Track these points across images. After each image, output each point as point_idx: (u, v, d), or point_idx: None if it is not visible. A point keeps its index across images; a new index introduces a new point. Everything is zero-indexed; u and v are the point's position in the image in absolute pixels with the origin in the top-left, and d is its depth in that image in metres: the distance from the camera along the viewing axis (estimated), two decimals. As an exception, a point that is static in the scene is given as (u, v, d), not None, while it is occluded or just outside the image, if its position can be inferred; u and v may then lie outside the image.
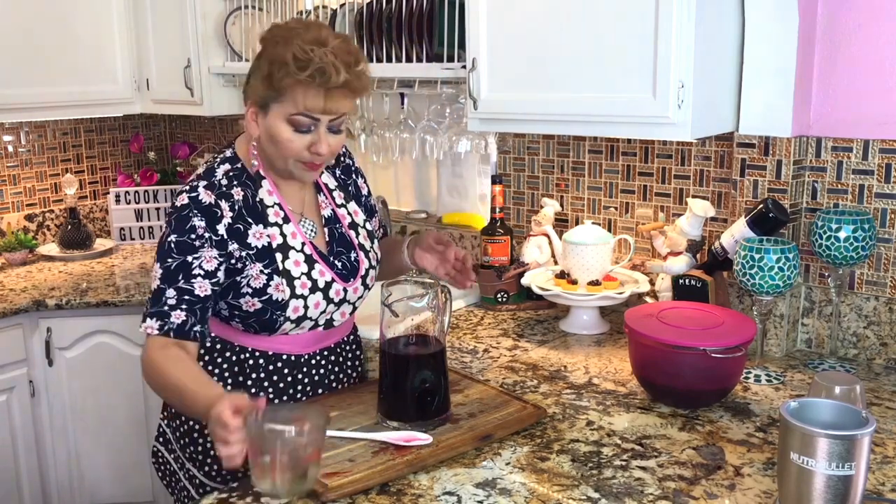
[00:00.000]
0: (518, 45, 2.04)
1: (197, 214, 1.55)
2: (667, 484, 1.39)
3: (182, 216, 1.55)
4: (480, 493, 1.36)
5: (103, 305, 2.68)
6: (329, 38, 1.51)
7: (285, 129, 1.53)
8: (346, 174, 1.82)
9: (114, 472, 2.83)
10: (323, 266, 1.66)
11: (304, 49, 1.47)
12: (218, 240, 1.56)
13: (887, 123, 1.87)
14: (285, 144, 1.55)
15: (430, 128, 2.56)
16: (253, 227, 1.60)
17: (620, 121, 1.89)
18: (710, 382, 1.65)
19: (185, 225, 1.54)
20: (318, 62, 1.47)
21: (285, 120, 1.53)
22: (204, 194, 1.57)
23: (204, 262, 1.54)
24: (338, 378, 1.78)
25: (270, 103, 1.53)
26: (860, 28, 1.87)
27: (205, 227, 1.55)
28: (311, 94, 1.50)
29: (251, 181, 1.63)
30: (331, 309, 1.68)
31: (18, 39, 2.90)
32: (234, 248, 1.57)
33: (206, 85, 3.03)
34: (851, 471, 1.13)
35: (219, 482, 1.68)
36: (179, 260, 1.53)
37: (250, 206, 1.61)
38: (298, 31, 1.52)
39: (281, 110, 1.53)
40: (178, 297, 1.52)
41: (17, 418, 2.67)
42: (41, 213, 3.39)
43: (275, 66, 1.50)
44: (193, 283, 1.53)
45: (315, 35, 1.50)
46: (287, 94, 1.51)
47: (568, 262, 2.22)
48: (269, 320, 1.61)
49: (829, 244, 1.83)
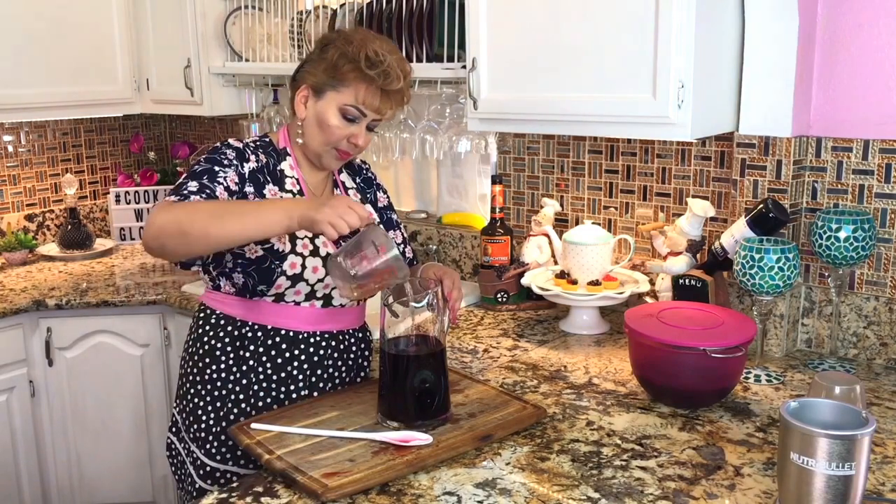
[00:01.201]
0: (518, 45, 2.04)
1: (230, 148, 1.69)
2: (667, 484, 1.39)
3: (214, 147, 1.70)
4: (480, 493, 1.36)
5: (103, 305, 2.68)
6: (395, 50, 1.70)
7: (335, 115, 1.67)
8: (366, 184, 1.92)
9: (114, 472, 2.83)
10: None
11: (377, 52, 1.64)
12: (241, 174, 1.67)
13: (887, 123, 1.87)
14: (331, 129, 1.67)
15: (430, 128, 2.56)
16: (269, 185, 1.71)
17: (620, 121, 1.89)
18: (710, 382, 1.65)
19: (216, 152, 1.68)
20: (386, 65, 1.64)
21: (338, 108, 1.67)
22: (234, 142, 1.72)
23: (228, 178, 1.64)
24: (336, 366, 1.80)
25: (327, 90, 1.67)
26: (860, 28, 1.87)
27: (234, 158, 1.67)
28: (371, 92, 1.66)
29: (276, 154, 1.75)
30: (329, 281, 1.71)
31: (18, 39, 2.90)
32: (250, 190, 1.67)
33: (206, 85, 3.03)
34: (851, 471, 1.13)
35: (218, 461, 1.73)
36: (208, 167, 1.64)
37: (271, 170, 1.72)
38: (366, 37, 1.69)
39: (337, 98, 1.66)
40: (199, 188, 1.58)
41: (17, 418, 2.67)
42: (41, 213, 3.39)
43: (345, 59, 1.64)
44: (216, 185, 1.61)
45: (383, 44, 1.68)
46: (349, 86, 1.65)
47: (568, 262, 2.22)
48: (266, 270, 1.66)
49: (829, 244, 1.83)
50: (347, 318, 1.82)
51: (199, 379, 1.76)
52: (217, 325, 1.75)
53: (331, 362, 1.79)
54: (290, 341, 1.74)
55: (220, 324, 1.75)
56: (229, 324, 1.75)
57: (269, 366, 1.73)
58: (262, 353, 1.73)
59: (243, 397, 1.73)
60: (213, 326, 1.76)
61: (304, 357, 1.75)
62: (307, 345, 1.75)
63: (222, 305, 1.75)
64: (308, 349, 1.76)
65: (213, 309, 1.77)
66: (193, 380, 1.77)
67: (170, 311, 2.72)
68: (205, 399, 1.74)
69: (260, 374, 1.73)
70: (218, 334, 1.75)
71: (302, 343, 1.75)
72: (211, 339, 1.75)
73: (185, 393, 1.79)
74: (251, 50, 2.91)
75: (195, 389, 1.76)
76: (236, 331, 1.74)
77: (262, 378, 1.73)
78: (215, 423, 1.73)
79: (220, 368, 1.74)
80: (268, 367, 1.73)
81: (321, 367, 1.77)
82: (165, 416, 2.79)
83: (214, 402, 1.74)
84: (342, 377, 1.82)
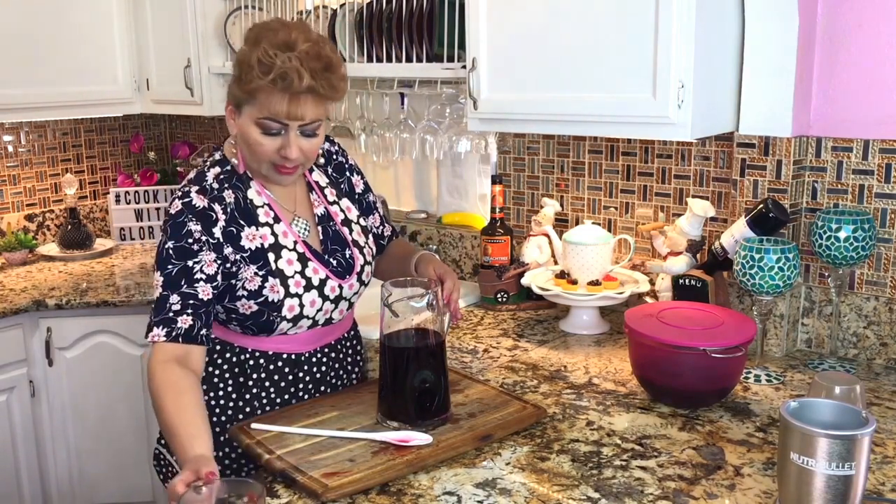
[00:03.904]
0: (518, 45, 2.04)
1: (192, 219, 1.55)
2: (667, 484, 1.39)
3: (178, 222, 1.55)
4: (480, 493, 1.36)
5: (103, 305, 2.68)
6: (298, 42, 1.48)
7: (255, 131, 1.54)
8: (338, 172, 1.83)
9: (114, 472, 2.83)
10: (316, 264, 1.66)
11: (267, 53, 1.46)
12: (214, 243, 1.56)
13: (887, 123, 1.87)
14: (255, 147, 1.56)
15: (430, 128, 2.56)
16: (245, 230, 1.60)
17: (620, 121, 1.89)
18: (710, 382, 1.65)
19: (181, 230, 1.54)
20: (279, 67, 1.45)
21: (254, 122, 1.53)
22: (197, 199, 1.57)
23: (205, 266, 1.54)
24: (338, 375, 1.78)
25: (243, 105, 1.55)
26: (860, 28, 1.87)
27: (201, 231, 1.55)
28: (275, 99, 1.49)
29: (241, 182, 1.64)
30: (328, 307, 1.68)
31: (18, 39, 2.90)
32: (228, 251, 1.58)
33: (206, 85, 3.03)
34: (851, 471, 1.13)
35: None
36: (180, 265, 1.53)
37: (242, 209, 1.62)
38: (269, 33, 1.50)
39: (251, 112, 1.53)
40: (182, 301, 1.51)
41: (17, 418, 2.67)
42: (41, 213, 3.39)
43: (243, 69, 1.50)
44: (196, 287, 1.53)
45: (284, 38, 1.48)
46: (255, 98, 1.51)
47: (568, 262, 2.22)
48: (265, 322, 1.62)
49: (829, 244, 1.83)
50: (341, 327, 1.79)
51: None
52: (213, 351, 1.68)
53: (332, 374, 1.77)
54: (292, 364, 1.70)
55: (216, 349, 1.68)
56: (227, 350, 1.68)
57: (272, 391, 1.69)
58: (265, 378, 1.68)
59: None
60: (209, 352, 1.67)
61: (308, 378, 1.72)
62: (309, 364, 1.72)
63: (219, 332, 1.68)
64: (311, 369, 1.72)
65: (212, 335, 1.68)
66: None
67: (170, 311, 2.72)
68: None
69: (263, 400, 1.68)
70: (216, 361, 1.68)
71: (304, 364, 1.71)
72: (208, 366, 1.67)
73: None
74: (251, 50, 2.91)
75: None
76: (235, 357, 1.68)
77: (266, 402, 1.68)
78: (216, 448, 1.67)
79: (219, 395, 1.68)
80: (271, 392, 1.69)
81: (324, 382, 1.75)
82: (165, 416, 2.79)
83: (213, 427, 1.64)
84: (343, 384, 1.80)
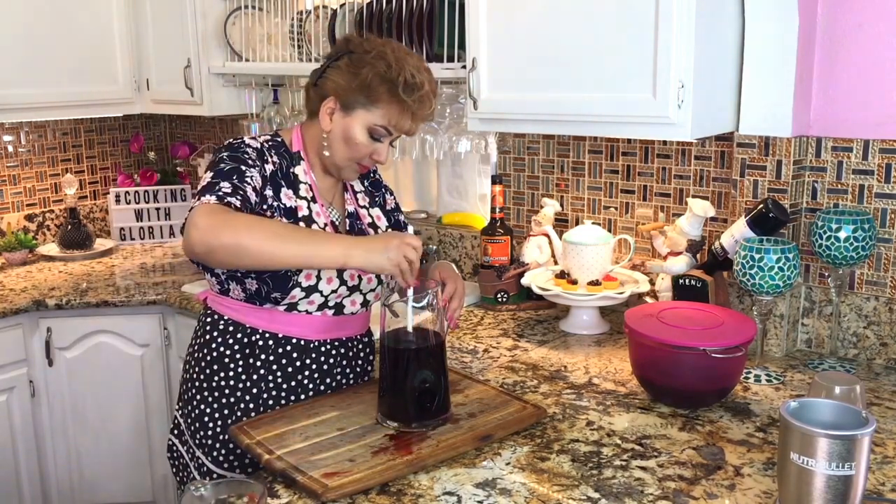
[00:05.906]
0: (518, 45, 2.04)
1: (250, 146, 1.65)
2: (667, 484, 1.39)
3: (236, 145, 1.64)
4: (480, 493, 1.36)
5: (103, 305, 2.68)
6: (425, 67, 1.65)
7: (362, 133, 1.64)
8: (374, 187, 1.91)
9: (114, 472, 2.83)
10: None
11: (414, 75, 1.60)
12: (264, 175, 1.63)
13: (887, 123, 1.87)
14: (357, 147, 1.65)
15: (430, 128, 2.56)
16: (285, 189, 1.67)
17: (620, 121, 1.89)
18: (710, 382, 1.65)
19: (238, 150, 1.63)
20: (423, 91, 1.61)
21: (366, 126, 1.63)
22: (251, 140, 1.67)
23: (255, 178, 1.60)
24: (344, 373, 1.79)
25: (357, 107, 1.63)
26: (860, 28, 1.87)
27: (256, 158, 1.63)
28: (404, 116, 1.63)
29: (290, 157, 1.71)
30: (343, 291, 1.70)
31: (19, 39, 2.90)
32: (269, 193, 1.63)
33: (206, 85, 3.03)
34: (851, 471, 1.13)
35: (225, 468, 1.71)
36: (234, 166, 1.59)
37: (285, 173, 1.68)
38: (404, 54, 1.63)
39: (366, 117, 1.63)
40: (233, 190, 1.54)
41: (17, 418, 2.67)
42: (41, 213, 3.39)
43: (381, 80, 1.59)
44: (246, 186, 1.57)
45: (417, 61, 1.64)
46: (381, 107, 1.61)
47: (568, 262, 2.22)
48: (282, 277, 1.63)
49: (829, 244, 1.83)
50: (355, 325, 1.80)
51: (205, 385, 1.72)
52: (226, 332, 1.71)
53: (339, 369, 1.78)
54: (300, 350, 1.72)
55: (228, 330, 1.71)
56: (238, 330, 1.71)
57: (279, 374, 1.71)
58: (273, 361, 1.70)
59: (252, 406, 1.69)
60: (222, 332, 1.72)
61: (315, 366, 1.73)
62: (317, 353, 1.73)
63: (231, 311, 1.71)
64: (318, 357, 1.74)
65: (220, 314, 1.73)
66: (200, 386, 1.73)
67: (170, 312, 2.72)
68: (212, 406, 1.71)
69: (269, 383, 1.70)
70: (227, 341, 1.71)
71: (313, 352, 1.73)
72: (220, 346, 1.71)
73: (190, 398, 1.75)
74: (251, 50, 2.91)
75: (201, 395, 1.73)
76: (246, 338, 1.70)
77: (272, 386, 1.70)
78: (222, 430, 1.70)
79: (228, 376, 1.70)
80: (278, 376, 1.71)
81: (330, 375, 1.76)
82: (165, 416, 2.79)
83: (222, 409, 1.71)
84: (349, 384, 1.81)
